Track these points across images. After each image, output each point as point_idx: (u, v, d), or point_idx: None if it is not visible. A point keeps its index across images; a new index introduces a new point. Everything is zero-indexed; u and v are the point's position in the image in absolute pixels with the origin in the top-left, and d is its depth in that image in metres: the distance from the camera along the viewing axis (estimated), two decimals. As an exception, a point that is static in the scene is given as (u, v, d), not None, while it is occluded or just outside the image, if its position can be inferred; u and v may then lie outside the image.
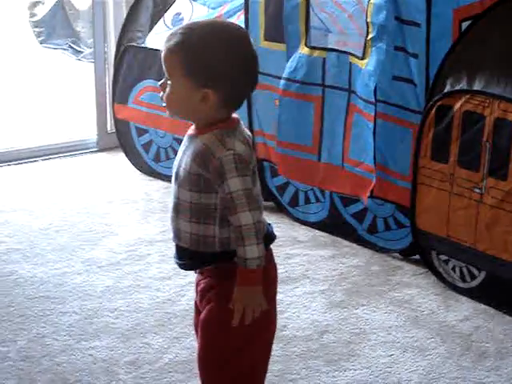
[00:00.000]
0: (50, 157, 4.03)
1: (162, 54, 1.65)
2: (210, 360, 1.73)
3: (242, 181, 1.61)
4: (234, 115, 1.69)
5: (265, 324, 1.72)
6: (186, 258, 1.72)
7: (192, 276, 1.83)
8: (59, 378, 2.22)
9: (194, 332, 1.83)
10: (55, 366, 2.27)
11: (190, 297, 2.64)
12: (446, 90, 2.63)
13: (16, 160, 3.94)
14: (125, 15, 3.86)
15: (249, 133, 1.71)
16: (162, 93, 1.67)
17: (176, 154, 1.74)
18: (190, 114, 1.67)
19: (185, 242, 1.70)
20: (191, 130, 1.70)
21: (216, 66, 1.62)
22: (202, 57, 1.61)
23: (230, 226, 1.64)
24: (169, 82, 1.64)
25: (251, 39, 1.68)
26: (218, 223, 1.65)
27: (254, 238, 1.61)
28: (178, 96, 1.64)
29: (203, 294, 1.73)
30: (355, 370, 2.29)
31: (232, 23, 1.80)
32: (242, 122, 1.70)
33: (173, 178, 1.71)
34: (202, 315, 1.72)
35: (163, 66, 1.65)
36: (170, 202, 1.73)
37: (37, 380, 2.21)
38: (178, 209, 1.69)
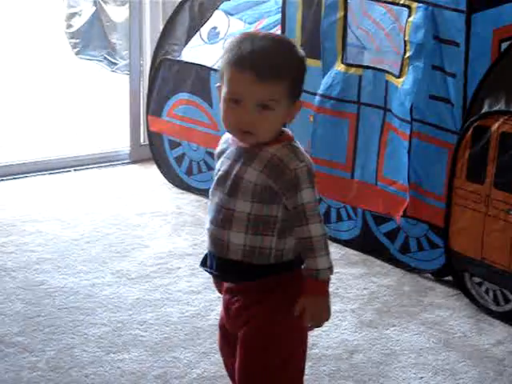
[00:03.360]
0: (83, 167, 4.04)
1: (256, 83, 1.59)
2: (257, 373, 1.72)
3: (313, 192, 1.64)
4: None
5: (304, 335, 1.75)
6: (234, 270, 1.69)
7: (224, 292, 1.82)
8: (87, 390, 2.22)
9: (219, 351, 1.82)
10: (83, 378, 2.27)
11: (219, 311, 2.62)
12: (483, 111, 2.61)
13: (49, 170, 3.96)
14: (161, 28, 3.88)
15: None
16: (246, 119, 1.61)
17: (208, 168, 1.76)
18: (275, 133, 1.66)
19: (235, 254, 1.67)
20: (242, 143, 1.67)
21: (303, 75, 1.66)
22: (300, 73, 1.65)
23: (287, 237, 1.66)
24: (265, 107, 1.60)
25: None
26: (276, 234, 1.66)
27: (324, 249, 1.64)
28: (279, 120, 1.65)
29: (239, 313, 1.72)
30: (385, 391, 2.26)
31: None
32: None
33: (220, 189, 1.68)
34: (247, 332, 1.70)
35: (252, 95, 1.60)
36: (210, 213, 1.70)
37: (65, 391, 2.21)
38: (229, 220, 1.66)
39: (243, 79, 1.59)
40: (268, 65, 1.60)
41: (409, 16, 2.78)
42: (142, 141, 4.16)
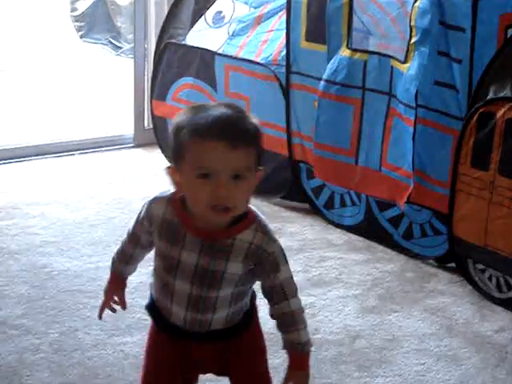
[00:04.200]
0: (87, 151, 4.05)
1: (229, 152, 1.46)
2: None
3: (288, 268, 1.61)
4: None
5: None
6: (216, 335, 1.65)
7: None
8: (90, 372, 2.22)
9: None
10: (86, 360, 2.28)
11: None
12: (488, 97, 2.59)
13: (53, 153, 3.97)
14: (166, 12, 3.87)
15: None
16: (223, 193, 1.47)
17: None
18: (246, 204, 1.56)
19: (218, 325, 1.63)
20: (200, 231, 1.55)
21: (262, 141, 1.56)
22: (261, 139, 1.55)
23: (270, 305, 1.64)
24: (237, 178, 1.49)
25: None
26: (249, 293, 1.67)
27: (304, 322, 1.64)
28: (251, 190, 1.55)
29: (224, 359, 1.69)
30: (387, 376, 2.26)
31: None
32: None
33: (186, 281, 1.58)
34: (252, 369, 1.73)
35: (226, 166, 1.47)
36: (176, 300, 1.61)
37: (68, 373, 2.21)
38: (211, 307, 1.60)
39: (214, 150, 1.46)
40: (238, 131, 1.49)
41: (415, 1, 2.77)
42: (146, 125, 4.16)
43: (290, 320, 1.61)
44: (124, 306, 1.82)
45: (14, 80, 5.64)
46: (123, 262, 1.77)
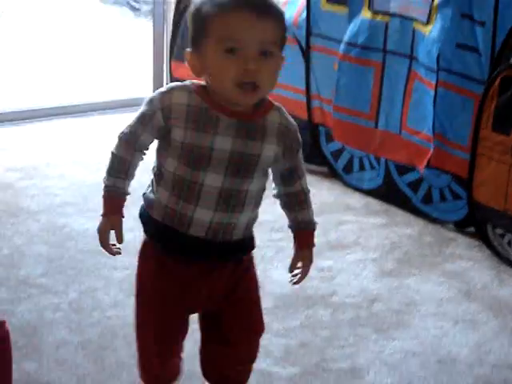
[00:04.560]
0: (106, 112, 4.05)
1: (257, 22, 1.40)
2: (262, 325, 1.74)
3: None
4: None
5: None
6: (235, 249, 1.60)
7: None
8: (109, 332, 2.24)
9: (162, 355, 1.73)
10: (105, 320, 2.29)
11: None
12: (511, 61, 2.56)
13: (72, 114, 3.97)
14: (186, -27, 3.83)
15: None
16: (251, 66, 1.41)
17: None
18: (273, 86, 1.50)
19: (238, 235, 1.57)
20: (231, 112, 1.48)
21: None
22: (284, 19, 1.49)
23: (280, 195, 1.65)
24: (267, 54, 1.43)
25: None
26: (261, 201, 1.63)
27: (310, 201, 1.67)
28: (278, 70, 1.48)
29: (223, 284, 1.62)
30: (404, 339, 2.26)
31: None
32: None
33: (217, 170, 1.49)
34: (247, 294, 1.67)
35: (254, 37, 1.40)
36: (203, 199, 1.51)
37: (87, 332, 2.23)
38: (241, 203, 1.53)
39: (241, 20, 1.40)
40: (266, 3, 1.43)
41: (438, -38, 2.73)
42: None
43: (301, 198, 1.63)
44: (121, 240, 1.67)
45: (35, 42, 5.64)
46: (121, 175, 1.62)
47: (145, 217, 1.63)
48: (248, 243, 1.63)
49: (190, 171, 1.50)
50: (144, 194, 1.64)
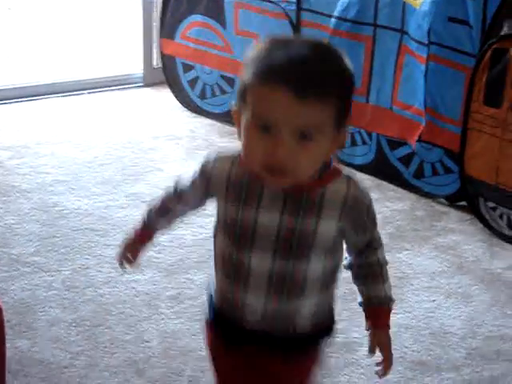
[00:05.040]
0: (97, 90, 4.02)
1: (295, 103, 1.16)
2: None
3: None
4: None
5: None
6: (298, 343, 1.38)
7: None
8: (102, 309, 2.24)
9: None
10: (98, 297, 2.30)
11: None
12: (502, 33, 2.56)
13: (63, 92, 3.94)
14: None
15: None
16: (281, 153, 1.19)
17: (222, 92, 1.53)
18: (314, 171, 1.26)
19: (304, 323, 1.36)
20: (277, 183, 1.25)
21: (352, 94, 1.27)
22: (350, 91, 1.25)
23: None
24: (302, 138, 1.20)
25: None
26: (337, 279, 1.40)
27: (388, 274, 1.42)
28: (322, 154, 1.24)
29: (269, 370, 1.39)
30: (397, 314, 2.27)
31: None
32: None
33: (264, 250, 1.29)
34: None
35: (288, 120, 1.18)
36: (252, 284, 1.31)
37: (80, 309, 2.24)
38: (301, 287, 1.31)
39: (277, 98, 1.17)
40: (311, 76, 1.18)
41: None
42: (155, 64, 4.13)
43: (376, 271, 1.39)
44: (135, 264, 1.59)
45: (22, 18, 5.59)
46: (159, 214, 1.52)
47: (209, 299, 1.44)
48: (318, 334, 1.40)
49: (236, 250, 1.32)
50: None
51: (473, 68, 2.65)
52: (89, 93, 3.99)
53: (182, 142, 3.44)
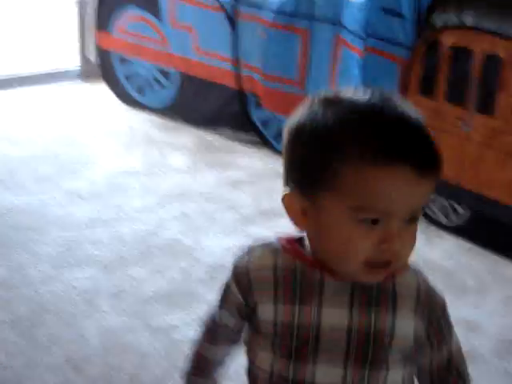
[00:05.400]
0: (32, 85, 3.96)
1: (416, 182, 0.94)
2: None
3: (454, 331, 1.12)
4: None
5: None
6: None
7: (176, 208, 1.80)
8: (41, 308, 2.21)
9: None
10: (36, 296, 2.26)
11: (172, 230, 2.63)
12: (436, 25, 2.59)
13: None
14: None
15: None
16: (395, 246, 0.97)
17: (160, 86, 1.44)
18: None
19: None
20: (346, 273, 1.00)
21: None
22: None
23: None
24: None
25: None
26: None
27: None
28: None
29: None
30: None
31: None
32: None
33: (328, 359, 1.02)
34: None
35: (408, 205, 0.95)
36: None
37: (18, 309, 2.20)
38: None
39: (397, 181, 0.93)
40: (427, 149, 0.95)
41: None
42: (92, 58, 4.08)
43: (454, 372, 1.09)
44: None
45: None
46: (202, 374, 1.19)
47: None
48: None
49: (293, 366, 1.03)
50: None
51: (407, 59, 2.68)
52: (23, 87, 3.92)
53: (120, 136, 3.41)
